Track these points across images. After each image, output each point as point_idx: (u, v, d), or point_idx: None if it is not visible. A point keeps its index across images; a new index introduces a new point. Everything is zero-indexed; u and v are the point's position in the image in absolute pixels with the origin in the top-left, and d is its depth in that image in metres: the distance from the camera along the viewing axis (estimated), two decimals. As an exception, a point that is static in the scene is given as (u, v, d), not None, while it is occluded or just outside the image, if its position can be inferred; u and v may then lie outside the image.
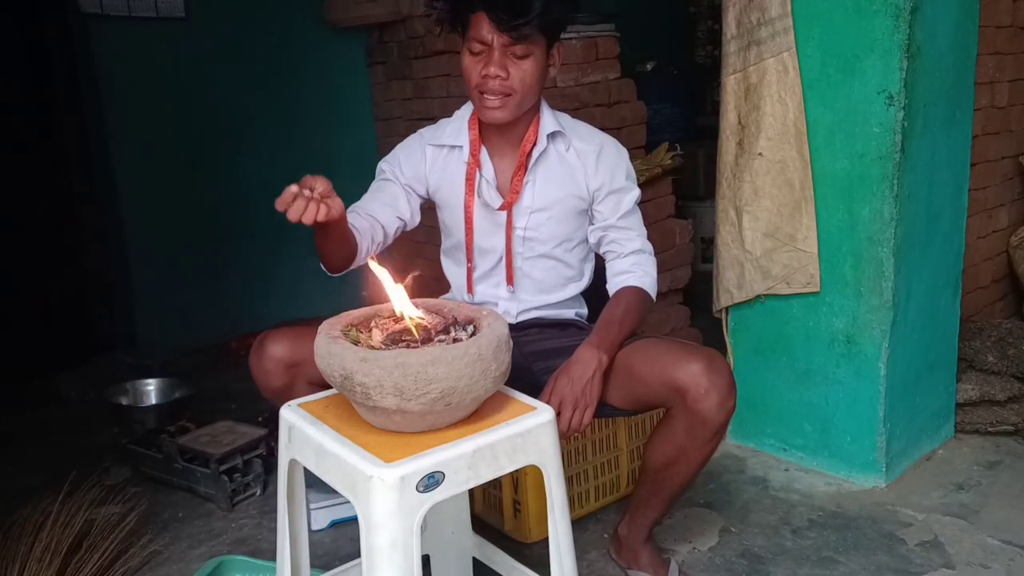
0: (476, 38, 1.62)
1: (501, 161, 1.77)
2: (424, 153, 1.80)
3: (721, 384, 1.55)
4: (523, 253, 1.80)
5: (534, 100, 1.70)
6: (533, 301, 1.84)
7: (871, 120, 2.10)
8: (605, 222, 1.79)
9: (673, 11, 5.38)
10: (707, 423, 1.57)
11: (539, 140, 1.74)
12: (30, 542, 1.86)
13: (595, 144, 1.78)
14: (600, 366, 1.62)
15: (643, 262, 1.80)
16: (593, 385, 1.61)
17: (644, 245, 1.82)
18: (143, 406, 2.91)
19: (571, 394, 1.59)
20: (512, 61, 1.62)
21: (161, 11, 3.38)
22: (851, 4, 2.08)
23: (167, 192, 3.49)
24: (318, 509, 2.15)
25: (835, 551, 1.98)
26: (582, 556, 1.95)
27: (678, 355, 1.59)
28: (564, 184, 1.76)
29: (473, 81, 1.65)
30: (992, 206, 2.95)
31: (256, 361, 1.64)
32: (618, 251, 1.80)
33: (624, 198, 1.79)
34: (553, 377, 1.64)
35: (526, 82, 1.64)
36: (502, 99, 1.65)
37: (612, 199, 1.78)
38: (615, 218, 1.79)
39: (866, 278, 2.18)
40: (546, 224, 1.77)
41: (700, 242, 4.02)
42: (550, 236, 1.79)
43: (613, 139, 1.83)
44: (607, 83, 2.99)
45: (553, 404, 1.57)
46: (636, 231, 1.81)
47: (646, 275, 1.79)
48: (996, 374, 2.53)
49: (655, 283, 1.82)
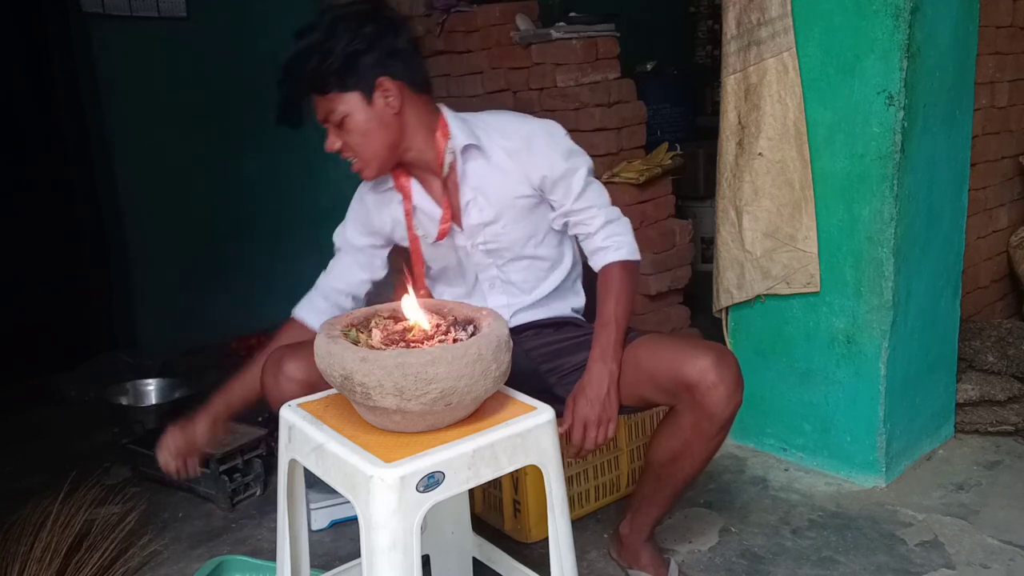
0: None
1: (434, 187, 1.72)
2: (367, 205, 1.78)
3: (729, 378, 1.56)
4: (494, 263, 1.76)
5: (391, 143, 1.63)
6: (525, 300, 1.81)
7: (871, 120, 2.10)
8: (563, 208, 1.73)
9: (673, 11, 5.38)
10: (714, 417, 1.57)
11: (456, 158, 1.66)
12: (30, 542, 1.86)
13: (521, 139, 1.69)
14: (613, 378, 1.63)
15: (615, 231, 1.75)
16: (611, 400, 1.62)
17: (609, 214, 1.75)
18: (143, 406, 2.91)
19: (593, 415, 1.61)
20: (334, 132, 1.61)
21: (162, 11, 3.39)
22: (851, 4, 2.08)
23: (167, 192, 3.50)
24: (318, 509, 2.15)
25: (835, 551, 1.98)
26: (582, 556, 1.95)
27: (686, 350, 1.59)
28: (505, 189, 1.69)
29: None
30: (992, 206, 2.95)
31: (272, 381, 1.63)
32: (586, 231, 1.75)
33: (573, 180, 1.71)
34: (571, 399, 1.64)
35: (359, 142, 1.60)
36: (357, 165, 1.64)
37: (560, 186, 1.71)
38: (571, 203, 1.72)
39: (866, 278, 2.18)
40: (504, 232, 1.72)
41: (700, 242, 4.03)
42: (513, 241, 1.74)
43: (540, 122, 1.74)
44: (607, 83, 2.99)
45: (578, 427, 1.61)
46: (597, 205, 1.74)
47: (622, 244, 1.74)
48: (996, 374, 2.53)
49: (633, 246, 1.76)
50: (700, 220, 4.05)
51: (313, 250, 3.87)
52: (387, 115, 1.60)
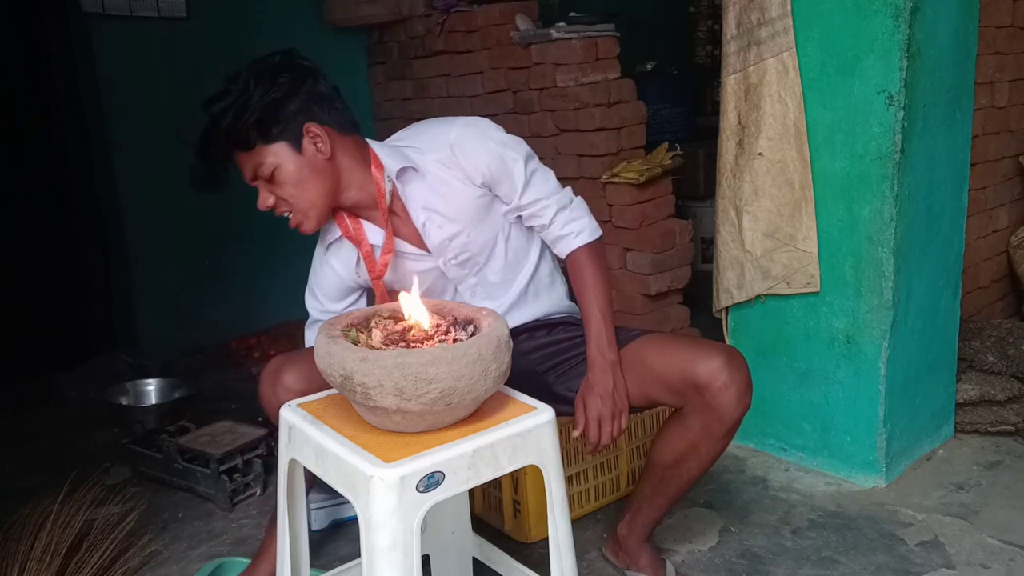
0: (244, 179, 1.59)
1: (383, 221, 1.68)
2: (329, 263, 1.76)
3: (740, 379, 1.56)
4: (470, 272, 1.74)
5: (326, 188, 1.59)
6: (509, 296, 1.78)
7: (871, 120, 2.10)
8: (512, 204, 1.69)
9: (673, 11, 5.38)
10: (724, 419, 1.57)
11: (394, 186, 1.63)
12: (30, 542, 1.86)
13: (449, 144, 1.63)
14: (615, 370, 1.63)
15: (570, 217, 1.71)
16: (619, 392, 1.63)
17: (561, 201, 1.71)
18: (143, 406, 2.91)
19: (606, 411, 1.62)
20: (265, 186, 1.58)
21: (162, 11, 3.39)
22: (851, 4, 2.08)
23: (167, 192, 3.49)
24: (318, 509, 2.15)
25: (835, 551, 1.98)
26: (582, 556, 1.95)
27: (697, 350, 1.59)
28: (454, 200, 1.66)
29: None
30: (992, 206, 2.95)
31: (270, 390, 1.63)
32: (541, 223, 1.72)
33: (513, 174, 1.65)
34: (579, 400, 1.65)
35: (295, 192, 1.57)
36: (295, 219, 1.60)
37: (504, 182, 1.66)
38: (518, 198, 1.68)
39: (866, 278, 2.18)
40: (471, 240, 1.69)
41: (700, 242, 4.03)
42: (483, 245, 1.71)
43: (465, 121, 1.68)
44: (607, 83, 2.99)
45: (592, 426, 1.62)
46: (545, 196, 1.69)
47: (581, 228, 1.71)
48: (996, 374, 2.53)
49: (591, 224, 1.73)
50: (700, 220, 4.06)
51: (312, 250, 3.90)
52: (319, 161, 1.57)
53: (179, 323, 3.55)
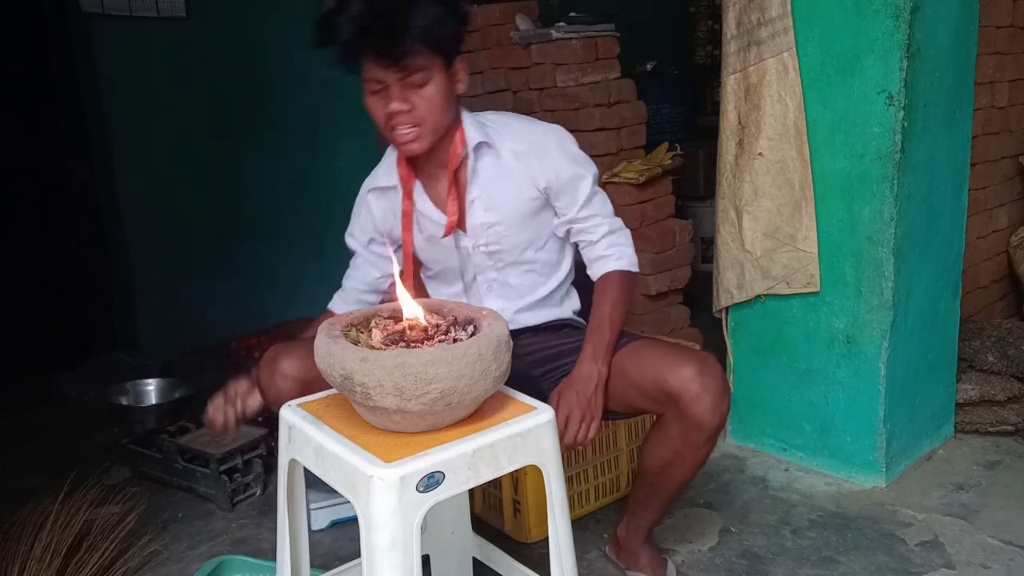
0: (372, 78, 1.58)
1: (438, 187, 1.72)
2: (370, 206, 1.78)
3: (714, 388, 1.54)
4: (494, 266, 1.76)
5: (448, 121, 1.63)
6: (520, 303, 1.81)
7: (871, 120, 2.10)
8: (567, 216, 1.74)
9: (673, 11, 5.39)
10: (701, 428, 1.57)
11: (468, 154, 1.67)
12: (30, 542, 1.86)
13: (530, 141, 1.69)
14: (601, 378, 1.63)
15: (616, 241, 1.76)
16: (597, 398, 1.62)
17: (612, 224, 1.77)
18: (143, 406, 2.91)
19: (578, 408, 1.61)
20: (412, 91, 1.57)
21: (162, 11, 3.39)
22: (851, 4, 2.08)
23: (167, 192, 3.50)
24: (318, 509, 2.15)
25: (835, 551, 1.98)
26: (582, 556, 1.95)
27: (669, 360, 1.58)
28: (510, 191, 1.70)
29: (380, 120, 1.61)
30: (992, 206, 2.95)
31: (268, 377, 1.63)
32: (589, 239, 1.76)
33: (579, 188, 1.72)
34: (556, 392, 1.65)
35: (433, 108, 1.58)
36: (414, 131, 1.60)
37: (567, 193, 1.71)
38: (576, 211, 1.73)
39: (866, 278, 2.18)
40: (507, 235, 1.72)
41: (700, 242, 4.03)
42: (514, 245, 1.74)
43: (549, 127, 1.75)
44: (607, 83, 2.99)
45: (560, 418, 1.60)
46: (601, 215, 1.76)
47: (623, 255, 1.76)
48: (996, 374, 2.53)
49: (633, 257, 1.78)
50: (700, 220, 4.05)
51: (313, 250, 3.90)
52: (453, 93, 1.62)
53: (179, 323, 3.54)
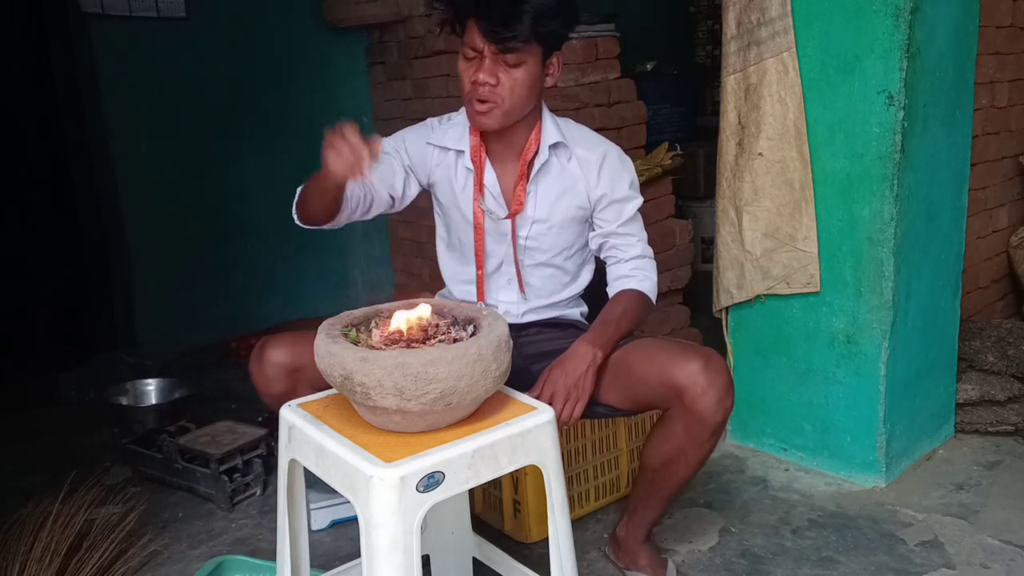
0: (469, 44, 1.61)
1: (502, 168, 1.76)
2: (429, 146, 1.80)
3: (719, 383, 1.55)
4: (524, 261, 1.80)
5: (527, 109, 1.68)
6: (533, 304, 1.85)
7: (871, 120, 2.10)
8: (606, 229, 1.80)
9: (673, 11, 5.39)
10: (705, 422, 1.57)
11: (541, 150, 1.73)
12: (30, 542, 1.86)
13: (598, 153, 1.77)
14: (594, 360, 1.63)
15: (644, 267, 1.82)
16: (586, 379, 1.62)
17: (645, 250, 1.83)
18: (143, 406, 2.91)
19: (564, 386, 1.60)
20: (503, 69, 1.60)
21: (162, 11, 3.39)
22: (851, 4, 2.08)
23: (167, 192, 3.50)
24: (318, 509, 2.15)
25: (835, 551, 1.98)
26: (582, 556, 1.95)
27: (675, 354, 1.59)
28: (566, 194, 1.76)
29: (465, 86, 1.65)
30: (992, 206, 2.95)
31: (257, 367, 1.65)
32: (619, 256, 1.82)
33: (626, 207, 1.79)
34: (547, 369, 1.65)
35: (516, 91, 1.62)
36: (489, 106, 1.63)
37: (614, 208, 1.79)
38: (616, 225, 1.80)
39: (866, 278, 2.18)
40: (547, 234, 1.78)
41: (700, 242, 4.03)
42: (551, 246, 1.80)
43: (617, 148, 1.82)
44: (607, 83, 2.99)
45: (545, 395, 1.60)
46: (637, 236, 1.82)
47: (646, 279, 1.81)
48: (996, 374, 2.53)
49: (655, 287, 1.83)
50: (700, 220, 4.06)
51: (312, 250, 3.90)
52: (540, 84, 1.66)
53: (179, 323, 3.54)
